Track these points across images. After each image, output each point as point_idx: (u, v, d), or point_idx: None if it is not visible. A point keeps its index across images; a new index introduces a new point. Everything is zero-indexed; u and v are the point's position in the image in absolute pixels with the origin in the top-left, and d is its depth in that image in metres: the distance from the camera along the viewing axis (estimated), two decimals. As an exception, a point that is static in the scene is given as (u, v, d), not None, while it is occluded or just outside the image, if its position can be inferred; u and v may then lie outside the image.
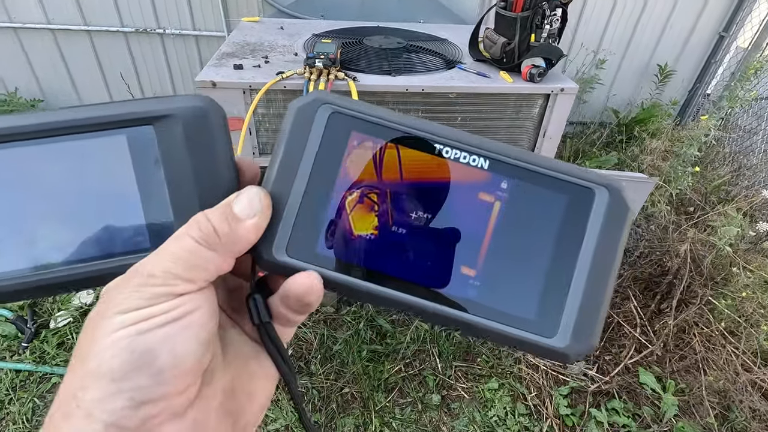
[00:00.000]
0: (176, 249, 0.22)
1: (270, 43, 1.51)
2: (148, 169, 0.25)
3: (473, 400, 1.51)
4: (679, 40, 2.83)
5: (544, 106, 1.36)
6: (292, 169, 0.25)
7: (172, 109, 0.25)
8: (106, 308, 0.20)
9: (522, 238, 0.24)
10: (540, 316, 0.24)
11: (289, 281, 0.24)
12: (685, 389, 1.46)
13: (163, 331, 0.20)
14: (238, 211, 0.23)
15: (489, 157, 0.25)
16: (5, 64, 2.58)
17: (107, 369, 0.19)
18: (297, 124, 0.25)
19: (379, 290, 0.24)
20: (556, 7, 1.26)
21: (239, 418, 0.25)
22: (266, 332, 0.25)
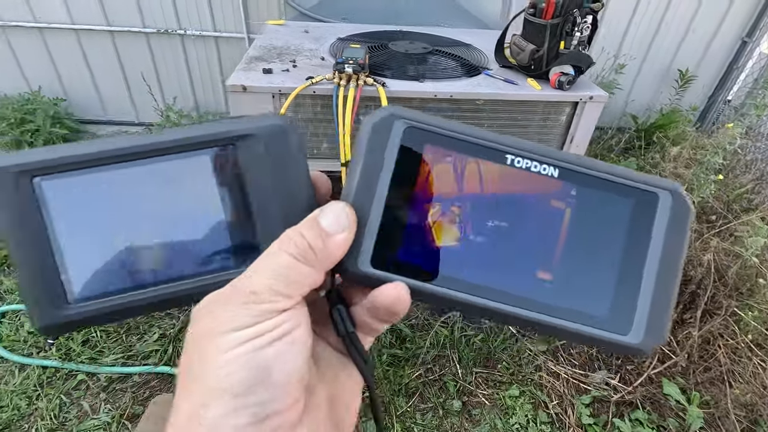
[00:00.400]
0: (275, 266, 0.22)
1: (296, 47, 1.52)
2: (232, 189, 0.26)
3: (494, 407, 1.50)
4: (700, 45, 2.80)
5: (572, 113, 1.35)
6: (372, 182, 0.25)
7: (254, 129, 0.26)
8: (215, 326, 0.21)
9: (593, 241, 0.26)
10: (614, 315, 0.25)
11: (377, 292, 0.24)
12: (710, 402, 1.44)
13: (274, 347, 0.21)
14: (327, 226, 0.23)
15: (558, 166, 0.26)
16: (30, 64, 2.62)
17: (228, 385, 0.20)
18: (374, 139, 0.26)
19: (462, 297, 0.25)
20: (587, 14, 1.25)
21: (341, 426, 0.25)
22: (351, 342, 0.26)
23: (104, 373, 1.53)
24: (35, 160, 0.24)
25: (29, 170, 0.24)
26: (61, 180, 0.24)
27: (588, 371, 1.59)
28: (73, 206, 0.24)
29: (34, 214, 0.24)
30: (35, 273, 0.24)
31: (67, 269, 0.24)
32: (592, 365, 1.62)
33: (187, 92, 2.78)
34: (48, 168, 0.24)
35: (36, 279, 0.24)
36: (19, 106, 2.45)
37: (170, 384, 1.53)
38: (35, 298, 0.24)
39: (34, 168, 0.24)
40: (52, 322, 0.24)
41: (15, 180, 0.23)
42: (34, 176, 0.24)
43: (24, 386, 1.48)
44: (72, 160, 0.24)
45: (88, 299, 0.24)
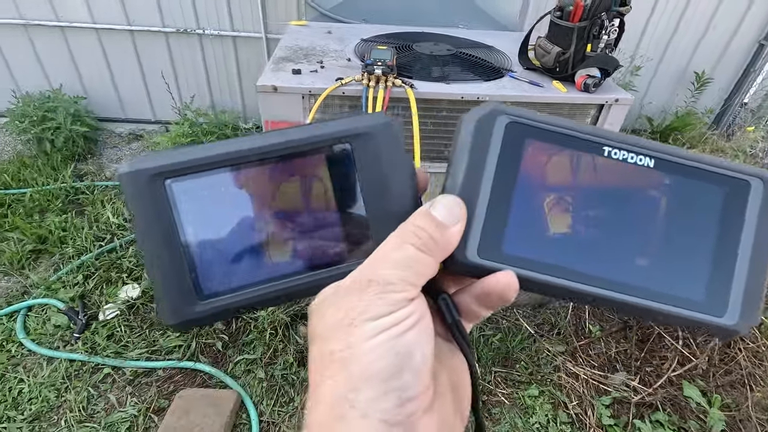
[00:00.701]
0: (402, 257, 0.23)
1: (321, 48, 1.54)
2: (347, 185, 0.27)
3: (513, 406, 1.51)
4: (717, 47, 2.79)
5: (597, 116, 1.36)
6: (477, 175, 0.26)
7: (367, 127, 0.27)
8: (354, 315, 0.22)
9: (688, 228, 0.27)
10: (710, 298, 0.26)
11: (489, 280, 0.25)
12: (732, 405, 1.44)
13: (412, 333, 0.22)
14: (443, 219, 0.24)
15: (654, 157, 0.27)
16: (51, 62, 2.66)
17: (375, 370, 0.21)
18: (478, 133, 0.27)
19: (565, 284, 0.26)
20: (614, 17, 1.26)
21: (461, 410, 0.26)
22: (458, 330, 0.27)
23: (129, 367, 1.56)
24: (167, 162, 0.25)
25: (162, 173, 0.25)
26: (191, 181, 0.25)
27: (607, 372, 1.60)
28: (201, 206, 0.25)
29: (166, 215, 0.25)
30: (167, 271, 0.25)
31: (196, 267, 0.25)
32: (612, 366, 1.63)
33: (204, 91, 2.81)
34: (179, 170, 0.25)
35: (168, 277, 0.25)
36: (40, 104, 2.49)
37: (194, 379, 1.56)
38: (168, 295, 0.25)
39: (166, 171, 0.25)
40: (184, 318, 0.25)
41: (149, 182, 0.25)
42: (166, 178, 0.25)
43: (52, 379, 1.51)
44: (200, 162, 0.25)
45: (216, 295, 0.26)
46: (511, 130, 0.27)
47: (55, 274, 1.85)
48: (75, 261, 1.90)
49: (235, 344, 1.65)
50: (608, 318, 1.80)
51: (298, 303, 1.72)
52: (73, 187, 2.33)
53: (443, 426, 0.24)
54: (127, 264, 1.90)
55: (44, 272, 1.89)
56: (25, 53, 2.61)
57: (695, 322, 0.26)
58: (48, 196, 2.24)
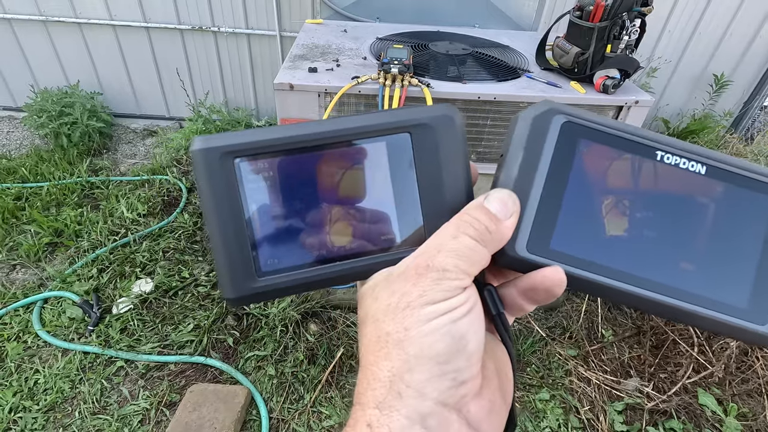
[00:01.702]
0: (458, 246, 0.24)
1: (337, 46, 1.54)
2: (403, 173, 0.27)
3: (524, 410, 1.50)
4: (737, 49, 2.73)
5: (615, 118, 1.34)
6: (531, 172, 0.27)
7: (427, 118, 0.27)
8: (411, 300, 0.23)
9: (735, 235, 0.27)
10: (752, 305, 0.26)
11: (536, 275, 0.26)
12: (748, 414, 1.41)
13: (467, 319, 0.23)
14: (497, 212, 0.25)
15: (705, 164, 0.27)
16: (69, 58, 2.69)
17: (433, 353, 0.22)
18: (534, 131, 0.27)
19: (610, 283, 0.26)
20: (636, 17, 1.24)
21: (507, 397, 0.27)
22: (501, 322, 0.27)
23: (142, 360, 1.57)
24: (238, 142, 0.26)
25: (233, 152, 0.26)
26: (258, 162, 0.26)
27: (620, 378, 1.58)
28: (266, 186, 0.26)
29: (233, 192, 0.26)
30: (230, 247, 0.26)
31: (257, 244, 0.26)
32: (624, 372, 1.61)
33: (218, 88, 2.83)
34: (247, 150, 0.26)
35: (231, 252, 0.26)
36: (58, 100, 2.53)
37: (205, 374, 1.57)
38: (229, 270, 0.26)
39: (236, 150, 0.26)
40: (243, 293, 0.26)
41: (221, 160, 0.26)
42: (236, 157, 0.26)
43: (67, 370, 1.53)
44: (268, 143, 0.26)
45: (274, 273, 0.26)
46: (566, 130, 0.27)
47: (71, 267, 1.88)
48: (90, 254, 1.93)
49: (246, 340, 1.66)
50: (621, 323, 1.77)
51: (308, 301, 1.73)
52: (88, 181, 2.36)
53: (492, 410, 0.24)
54: (141, 258, 1.92)
55: (60, 265, 1.91)
56: (44, 49, 2.65)
57: (736, 329, 0.26)
58: (64, 190, 2.28)
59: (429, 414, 0.21)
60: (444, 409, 0.21)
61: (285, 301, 1.69)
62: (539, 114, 0.27)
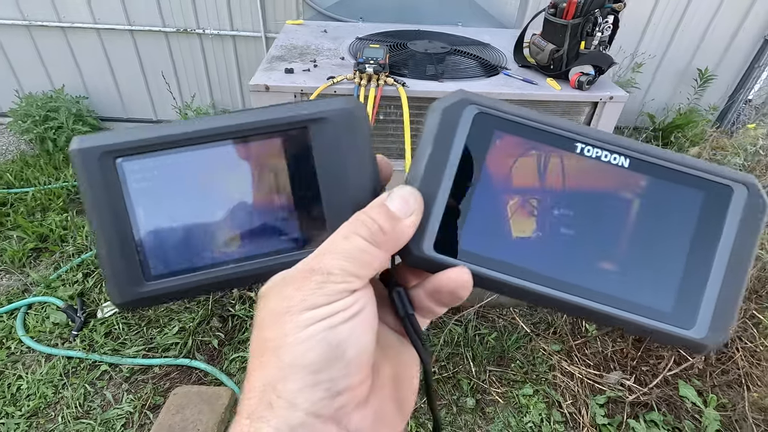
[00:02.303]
0: (348, 248, 0.23)
1: (316, 47, 1.54)
2: (302, 170, 0.26)
3: (508, 405, 1.51)
4: (721, 43, 2.75)
5: (591, 113, 1.35)
6: (439, 167, 0.25)
7: (326, 112, 0.26)
8: (290, 305, 0.22)
9: (661, 233, 0.25)
10: (678, 309, 0.25)
11: (440, 276, 0.25)
12: (728, 405, 1.43)
13: (348, 326, 0.21)
14: (396, 210, 0.24)
15: (629, 156, 0.25)
16: (54, 62, 2.68)
17: (306, 362, 0.21)
18: (444, 123, 0.25)
19: (522, 284, 0.25)
20: (608, 14, 1.25)
21: (404, 405, 0.26)
22: (410, 323, 0.26)
23: (126, 364, 1.57)
24: (118, 141, 0.24)
25: (113, 151, 0.24)
26: (141, 161, 0.25)
27: (603, 371, 1.59)
28: (151, 186, 0.25)
29: (116, 194, 0.25)
30: (115, 251, 0.25)
31: (144, 248, 0.25)
32: (607, 366, 1.62)
33: (205, 90, 2.82)
34: (129, 149, 0.24)
35: (116, 257, 0.25)
36: (42, 104, 2.52)
37: (190, 376, 1.57)
38: (115, 275, 0.25)
39: (116, 149, 0.24)
40: (130, 298, 0.25)
41: (100, 160, 0.24)
42: (117, 157, 0.24)
43: (50, 376, 1.53)
44: (151, 142, 0.25)
45: (163, 277, 0.25)
46: (479, 122, 0.25)
47: (55, 273, 1.87)
48: (75, 259, 1.92)
49: (231, 342, 1.66)
50: (605, 317, 1.79)
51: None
52: (74, 186, 2.35)
53: (379, 420, 0.23)
54: (126, 262, 1.91)
55: (45, 270, 1.91)
56: (28, 53, 2.64)
57: (661, 334, 0.25)
58: (50, 195, 2.27)
59: (299, 425, 0.20)
60: (317, 420, 0.20)
61: (270, 302, 1.69)
62: (450, 105, 0.26)
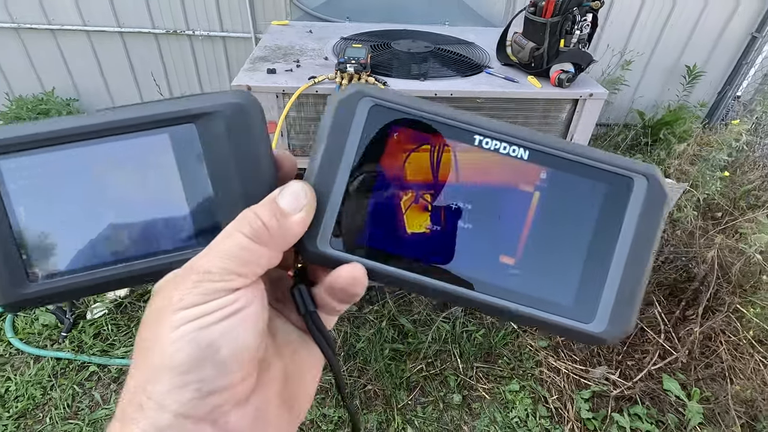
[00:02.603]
0: (229, 246, 0.22)
1: (300, 47, 1.55)
2: (191, 167, 0.25)
3: (494, 401, 1.52)
4: (709, 40, 2.77)
5: (572, 111, 1.36)
6: (335, 162, 0.25)
7: (213, 107, 0.25)
8: (166, 305, 0.21)
9: (561, 226, 0.25)
10: (578, 303, 0.25)
11: (334, 273, 0.24)
12: (711, 397, 1.44)
13: (223, 325, 0.21)
14: (285, 206, 0.23)
15: (529, 148, 0.25)
16: (43, 65, 2.68)
17: (175, 362, 0.20)
18: (338, 117, 0.25)
19: (420, 280, 0.25)
20: (587, 12, 1.26)
21: (294, 404, 0.26)
22: (312, 321, 0.26)
23: (115, 365, 1.58)
24: None
25: None
26: (20, 159, 0.24)
27: (588, 366, 1.60)
28: (32, 185, 0.24)
29: None
30: None
31: (27, 248, 0.24)
32: (593, 361, 1.63)
33: (196, 91, 2.82)
34: (5, 147, 0.23)
35: None
36: (33, 107, 2.52)
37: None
38: None
39: None
40: (13, 300, 0.24)
41: None
42: None
43: (39, 377, 1.53)
44: (30, 138, 0.24)
45: (48, 277, 0.24)
46: (374, 115, 0.25)
47: (45, 274, 1.88)
48: (64, 261, 1.93)
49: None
50: (592, 313, 1.80)
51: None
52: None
53: (260, 419, 0.23)
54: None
55: (34, 272, 1.91)
56: (17, 56, 2.64)
57: (560, 328, 0.25)
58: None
59: (167, 427, 0.20)
60: (187, 421, 0.20)
61: (258, 302, 1.70)
62: (344, 98, 0.25)
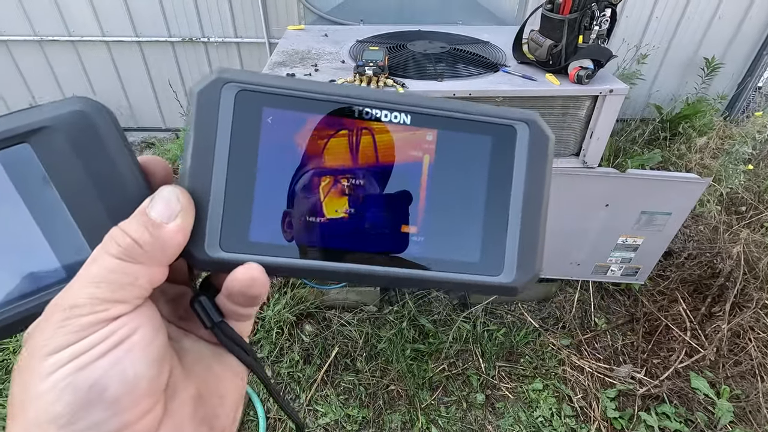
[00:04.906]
0: (97, 271, 0.20)
1: (317, 51, 1.57)
2: (38, 193, 0.22)
3: (518, 400, 1.52)
4: (727, 31, 2.72)
5: (592, 107, 1.35)
6: (207, 158, 0.23)
7: (46, 120, 0.22)
8: (33, 352, 0.19)
9: (455, 185, 0.25)
10: (484, 258, 0.25)
11: (229, 277, 0.22)
12: (741, 396, 1.42)
13: (105, 360, 0.19)
14: (156, 216, 0.21)
15: (409, 111, 0.24)
16: (65, 75, 2.76)
17: (52, 416, 0.18)
18: (202, 109, 0.23)
19: (323, 265, 0.24)
20: (606, 7, 1.25)
21: (215, 422, 0.24)
22: (222, 332, 0.24)
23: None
24: None
25: None
26: None
27: (613, 365, 1.58)
28: None
29: None
30: None
31: None
32: (617, 359, 1.61)
33: (212, 98, 2.87)
34: None
35: None
36: (56, 116, 2.59)
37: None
38: None
39: None
40: None
41: None
42: None
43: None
44: None
45: None
46: (242, 100, 0.23)
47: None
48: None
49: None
50: (614, 310, 1.78)
51: (303, 302, 1.76)
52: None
53: None
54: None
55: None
56: (40, 68, 2.72)
57: (471, 285, 0.25)
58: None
59: None
60: None
61: (280, 304, 1.72)
62: (205, 87, 0.23)
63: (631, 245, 1.58)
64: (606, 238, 1.58)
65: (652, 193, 1.45)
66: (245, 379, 0.26)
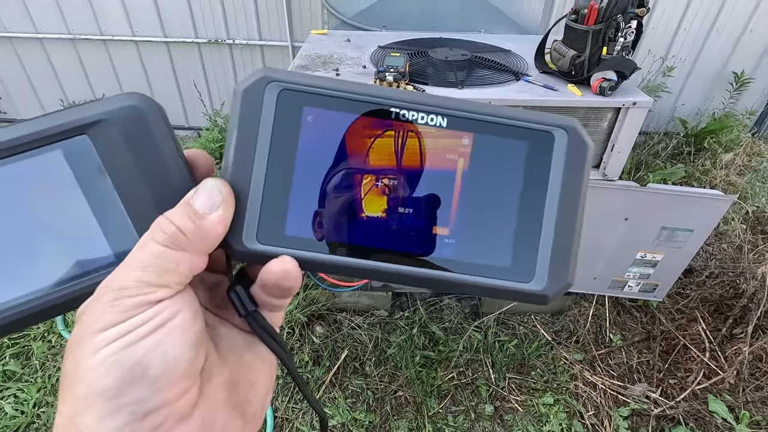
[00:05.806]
0: (144, 256, 0.21)
1: (339, 56, 1.58)
2: (94, 181, 0.24)
3: (527, 414, 1.49)
4: (758, 45, 2.65)
5: (614, 119, 1.33)
6: (249, 153, 0.24)
7: (103, 113, 0.23)
8: (84, 329, 0.20)
9: (490, 189, 0.25)
10: (516, 263, 0.25)
11: (264, 269, 0.23)
12: (762, 422, 1.37)
13: (149, 341, 0.20)
14: (200, 207, 0.22)
15: (446, 115, 0.24)
16: (95, 73, 2.85)
17: (100, 389, 0.19)
18: (246, 106, 0.24)
19: (356, 263, 0.24)
20: (632, 19, 1.23)
21: (246, 409, 0.25)
22: (255, 321, 0.25)
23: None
24: None
25: None
26: None
27: (627, 383, 1.55)
28: None
29: None
30: None
31: None
32: (632, 377, 1.58)
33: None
34: None
35: None
36: (85, 112, 2.68)
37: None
38: None
39: None
40: None
41: None
42: None
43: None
44: None
45: None
46: (284, 99, 0.24)
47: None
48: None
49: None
50: (630, 327, 1.74)
51: (314, 304, 1.77)
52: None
53: (208, 429, 0.22)
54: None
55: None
56: (72, 65, 2.82)
57: (501, 291, 0.25)
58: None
59: None
60: None
61: (292, 304, 1.74)
62: (249, 86, 0.24)
63: (650, 261, 1.55)
64: (624, 253, 1.55)
65: (673, 209, 1.42)
66: (275, 367, 0.27)
